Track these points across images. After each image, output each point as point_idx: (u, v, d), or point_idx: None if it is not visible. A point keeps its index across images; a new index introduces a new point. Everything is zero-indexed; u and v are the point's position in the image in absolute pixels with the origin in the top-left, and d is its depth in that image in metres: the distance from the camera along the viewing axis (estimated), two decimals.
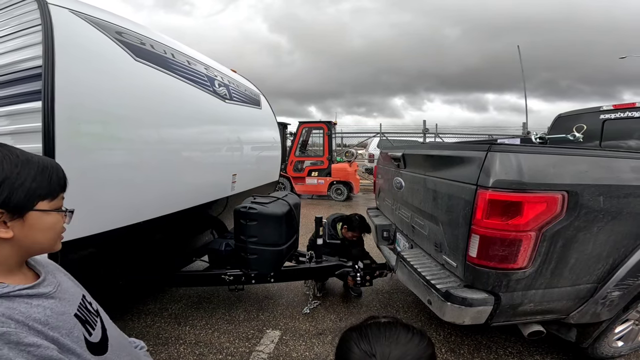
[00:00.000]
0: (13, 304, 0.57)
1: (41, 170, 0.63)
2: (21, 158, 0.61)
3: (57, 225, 0.67)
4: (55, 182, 0.66)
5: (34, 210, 0.62)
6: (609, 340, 1.94)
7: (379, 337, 0.65)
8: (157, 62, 2.02)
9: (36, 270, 0.68)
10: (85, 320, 0.69)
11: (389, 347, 0.63)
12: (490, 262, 1.51)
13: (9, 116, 1.60)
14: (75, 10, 1.64)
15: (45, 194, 0.64)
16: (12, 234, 0.59)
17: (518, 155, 1.46)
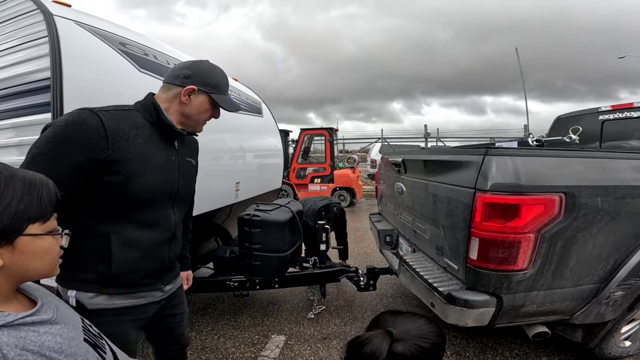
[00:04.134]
0: (21, 333, 0.52)
1: (28, 187, 0.56)
2: (4, 174, 0.54)
3: (52, 249, 0.61)
4: (46, 202, 0.58)
5: (23, 235, 0.55)
6: (616, 340, 1.93)
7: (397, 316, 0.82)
8: (160, 73, 2.06)
9: (29, 295, 0.62)
10: (95, 345, 0.65)
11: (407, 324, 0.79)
12: (491, 264, 1.53)
13: (17, 128, 1.64)
14: (80, 22, 1.67)
15: (36, 216, 0.57)
16: (1, 262, 0.53)
17: (514, 159, 1.49)
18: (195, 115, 1.16)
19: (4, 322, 0.50)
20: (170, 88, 1.13)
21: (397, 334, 0.77)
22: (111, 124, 1.02)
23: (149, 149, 1.09)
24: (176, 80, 1.12)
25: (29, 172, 0.59)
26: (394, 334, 0.77)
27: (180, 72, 1.13)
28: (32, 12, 1.61)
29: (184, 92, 1.10)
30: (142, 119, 1.12)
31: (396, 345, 0.75)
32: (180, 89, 1.11)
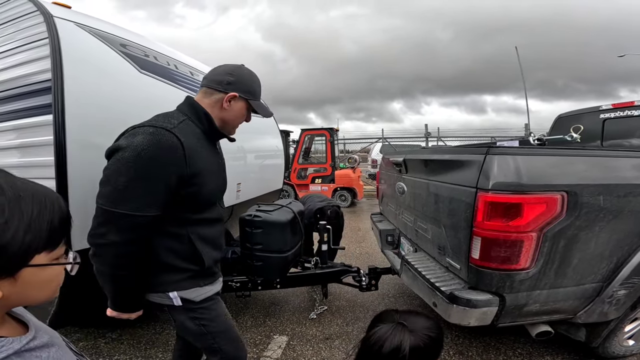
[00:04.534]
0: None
1: (38, 213, 0.48)
2: (8, 195, 0.46)
3: (58, 277, 0.56)
4: (56, 228, 0.51)
5: (28, 266, 0.48)
6: (620, 339, 1.93)
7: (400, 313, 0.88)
8: (161, 74, 2.07)
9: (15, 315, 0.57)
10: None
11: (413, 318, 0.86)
12: (493, 263, 1.52)
13: (18, 130, 1.65)
14: (80, 24, 1.67)
15: (44, 246, 0.49)
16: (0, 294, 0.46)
17: (516, 158, 1.49)
18: (232, 121, 1.23)
19: (12, 350, 0.46)
20: (212, 93, 1.17)
21: (409, 327, 0.83)
22: (185, 140, 1.05)
23: (209, 157, 1.18)
24: (219, 87, 1.16)
25: (39, 189, 0.51)
26: (408, 327, 0.83)
27: (223, 78, 1.16)
28: (32, 14, 1.61)
29: (226, 98, 1.15)
30: (196, 127, 1.15)
31: (411, 337, 0.81)
32: (222, 95, 1.16)
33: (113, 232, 0.99)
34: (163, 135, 1.01)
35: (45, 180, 1.51)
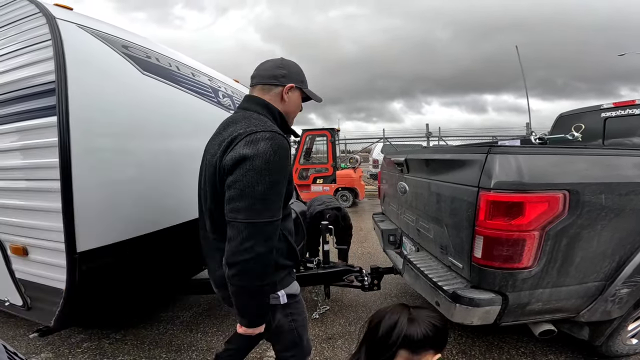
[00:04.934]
0: None
1: None
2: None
3: None
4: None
5: None
6: (623, 337, 1.93)
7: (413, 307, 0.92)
8: (163, 75, 2.07)
9: None
10: None
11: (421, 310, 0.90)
12: (496, 262, 1.53)
13: (22, 132, 1.66)
14: (82, 25, 1.68)
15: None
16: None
17: (517, 157, 1.49)
18: (292, 112, 1.25)
19: None
20: (270, 89, 1.17)
21: (412, 312, 0.88)
22: None
23: None
24: (275, 81, 1.17)
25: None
26: (411, 311, 0.88)
27: (276, 71, 1.17)
28: (35, 16, 1.61)
29: (285, 90, 1.17)
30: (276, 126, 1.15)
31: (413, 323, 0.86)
32: (280, 89, 1.17)
33: (260, 244, 0.97)
34: (279, 139, 1.03)
35: (50, 181, 1.52)
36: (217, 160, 1.04)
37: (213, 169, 1.06)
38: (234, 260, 0.99)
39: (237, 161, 0.97)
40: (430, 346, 0.87)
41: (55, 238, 1.58)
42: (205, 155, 1.20)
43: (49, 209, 1.56)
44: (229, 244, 0.99)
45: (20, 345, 2.37)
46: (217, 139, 1.11)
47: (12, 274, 1.85)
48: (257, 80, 1.19)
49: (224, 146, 1.03)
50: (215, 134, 1.16)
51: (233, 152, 0.99)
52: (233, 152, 0.99)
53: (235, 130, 1.04)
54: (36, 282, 1.78)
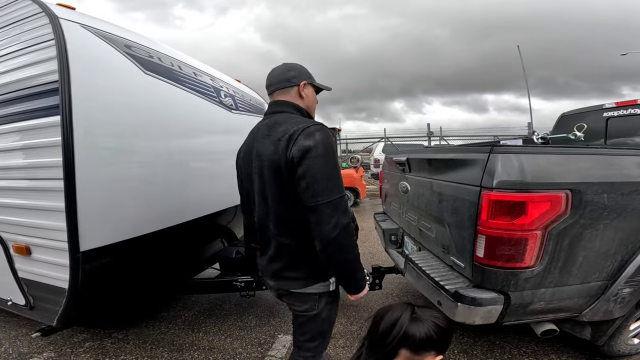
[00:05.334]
0: None
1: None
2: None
3: None
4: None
5: None
6: (625, 337, 1.92)
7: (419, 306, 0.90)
8: (165, 75, 2.08)
9: None
10: None
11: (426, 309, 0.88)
12: (498, 261, 1.52)
13: (26, 131, 1.66)
14: (85, 25, 1.68)
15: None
16: None
17: (520, 156, 1.49)
18: (312, 106, 1.37)
19: None
20: (288, 91, 1.29)
21: (417, 311, 0.86)
22: None
23: None
24: (289, 83, 1.29)
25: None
26: (415, 310, 0.86)
27: (287, 74, 1.30)
28: (37, 15, 1.62)
29: (300, 88, 1.29)
30: None
31: (416, 322, 0.84)
32: (296, 88, 1.29)
33: (342, 217, 1.10)
34: (325, 129, 1.16)
35: (53, 181, 1.53)
36: (280, 157, 1.12)
37: (276, 166, 1.13)
38: (327, 239, 1.10)
39: (304, 152, 1.08)
40: (432, 347, 0.85)
41: (59, 237, 1.58)
42: (253, 160, 1.25)
43: (52, 208, 1.57)
44: (318, 228, 1.10)
45: (22, 344, 2.38)
46: (266, 140, 1.19)
47: (15, 273, 1.86)
48: (273, 87, 1.30)
49: (284, 144, 1.11)
50: (260, 137, 1.23)
51: (297, 145, 1.09)
52: (297, 146, 1.09)
53: (287, 129, 1.14)
54: (39, 281, 1.78)
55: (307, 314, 1.31)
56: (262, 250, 1.33)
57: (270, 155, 1.14)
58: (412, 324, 0.84)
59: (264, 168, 1.17)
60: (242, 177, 1.36)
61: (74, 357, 2.23)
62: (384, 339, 0.85)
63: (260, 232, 1.30)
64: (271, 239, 1.26)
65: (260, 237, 1.32)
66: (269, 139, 1.17)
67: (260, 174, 1.20)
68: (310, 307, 1.29)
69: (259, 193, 1.23)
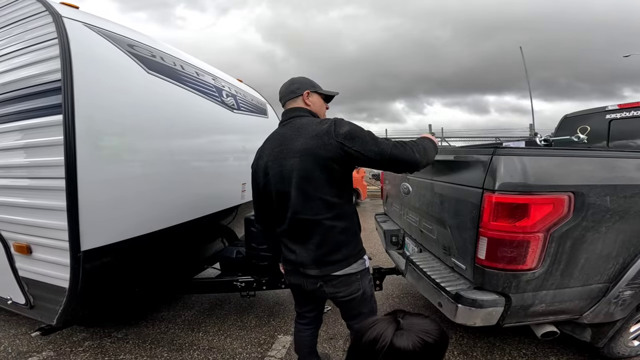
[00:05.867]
0: None
1: None
2: None
3: None
4: None
5: None
6: (625, 339, 1.92)
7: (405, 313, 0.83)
8: (167, 74, 2.08)
9: None
10: None
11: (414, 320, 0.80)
12: (499, 263, 1.52)
13: (25, 130, 1.66)
14: (88, 24, 1.68)
15: None
16: None
17: (522, 158, 1.49)
18: (319, 111, 1.51)
19: None
20: (295, 101, 1.47)
21: (403, 324, 0.77)
22: None
23: None
24: (294, 94, 1.47)
25: None
26: (401, 323, 0.78)
27: (292, 87, 1.48)
28: (41, 14, 1.61)
29: (304, 97, 1.46)
30: None
31: (401, 335, 0.75)
32: (300, 97, 1.46)
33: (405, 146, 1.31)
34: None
35: (55, 180, 1.52)
36: (327, 148, 1.26)
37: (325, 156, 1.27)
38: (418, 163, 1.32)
39: (349, 135, 1.26)
40: None
41: (60, 236, 1.58)
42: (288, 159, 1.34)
43: (53, 207, 1.57)
44: (404, 164, 1.30)
45: (21, 343, 2.37)
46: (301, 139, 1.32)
47: (16, 273, 1.86)
48: (285, 99, 1.50)
49: (327, 137, 1.27)
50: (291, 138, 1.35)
51: (338, 135, 1.26)
52: (339, 136, 1.26)
53: (321, 126, 1.31)
54: (39, 280, 1.78)
55: (354, 296, 1.44)
56: (301, 242, 1.42)
57: (314, 150, 1.27)
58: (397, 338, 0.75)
59: (307, 162, 1.29)
60: (270, 178, 1.42)
61: (73, 356, 2.22)
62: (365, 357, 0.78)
63: (298, 225, 1.39)
64: (314, 227, 1.36)
65: (297, 230, 1.41)
66: (304, 137, 1.31)
67: (301, 169, 1.30)
68: (355, 288, 1.43)
69: (298, 187, 1.33)
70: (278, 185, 1.39)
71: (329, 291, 1.43)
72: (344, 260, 1.38)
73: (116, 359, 2.21)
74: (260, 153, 1.49)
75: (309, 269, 1.41)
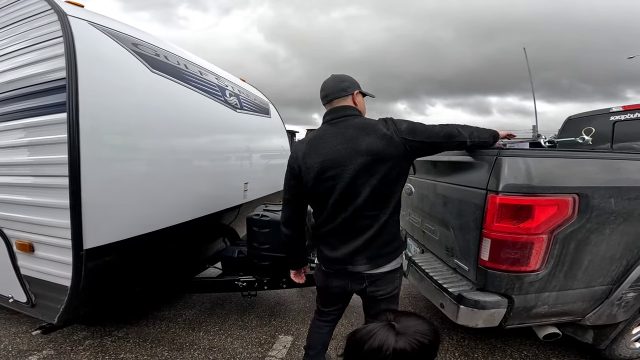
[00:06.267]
0: None
1: None
2: None
3: None
4: None
5: None
6: (627, 341, 1.92)
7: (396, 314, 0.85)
8: (171, 73, 2.08)
9: None
10: None
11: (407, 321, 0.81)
12: (503, 265, 1.53)
13: (28, 128, 1.66)
14: (93, 22, 1.68)
15: None
16: None
17: (527, 160, 1.49)
18: (364, 111, 1.51)
19: None
20: (344, 99, 1.45)
21: (399, 328, 0.78)
22: None
23: None
24: (345, 92, 1.45)
25: None
26: (396, 328, 0.78)
27: (342, 85, 1.46)
28: (46, 12, 1.61)
29: (354, 96, 1.46)
30: None
31: (398, 339, 0.76)
32: (350, 96, 1.45)
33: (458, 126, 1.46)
34: None
35: (58, 178, 1.52)
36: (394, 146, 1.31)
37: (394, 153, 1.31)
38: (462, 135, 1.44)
39: (410, 130, 1.34)
40: None
41: (62, 235, 1.57)
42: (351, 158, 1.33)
43: (56, 205, 1.56)
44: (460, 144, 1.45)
45: (22, 341, 2.37)
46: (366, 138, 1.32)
47: (17, 271, 1.85)
48: (332, 97, 1.45)
49: (390, 137, 1.31)
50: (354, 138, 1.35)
51: (402, 132, 1.32)
52: (402, 132, 1.32)
53: (383, 127, 1.34)
54: (41, 278, 1.78)
55: (393, 294, 1.47)
56: (353, 238, 1.40)
57: (384, 149, 1.30)
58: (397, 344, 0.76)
59: (377, 161, 1.31)
60: (328, 177, 1.36)
61: (73, 355, 2.22)
62: None
63: (354, 221, 1.38)
64: (373, 223, 1.37)
65: (352, 227, 1.39)
66: (370, 137, 1.32)
67: (372, 168, 1.32)
68: (395, 286, 1.47)
69: (368, 186, 1.33)
70: (340, 185, 1.34)
71: (370, 290, 1.43)
72: (394, 253, 1.42)
73: (116, 357, 2.20)
74: (308, 151, 1.41)
75: (358, 264, 1.39)
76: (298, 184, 1.44)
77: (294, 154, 1.47)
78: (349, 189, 1.34)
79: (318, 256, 1.54)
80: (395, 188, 1.39)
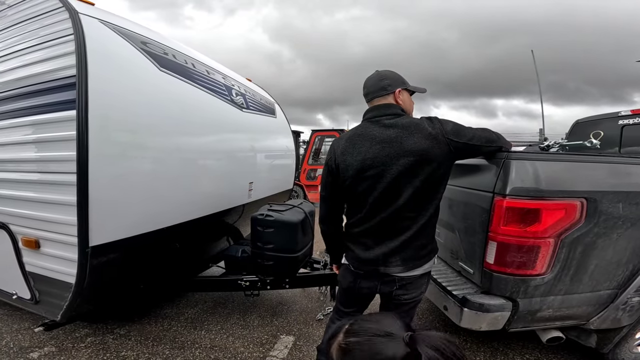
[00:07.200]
0: None
1: None
2: None
3: None
4: None
5: None
6: (630, 345, 1.92)
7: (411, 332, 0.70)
8: (179, 72, 2.08)
9: None
10: None
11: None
12: (508, 268, 1.53)
13: (36, 125, 1.66)
14: (104, 21, 1.69)
15: None
16: None
17: (535, 163, 1.49)
18: (409, 109, 1.46)
19: None
20: (385, 98, 1.39)
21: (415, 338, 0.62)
22: None
23: None
24: (385, 91, 1.39)
25: None
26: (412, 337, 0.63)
27: (383, 83, 1.40)
28: (57, 10, 1.62)
29: (397, 94, 1.39)
30: None
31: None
32: (392, 95, 1.39)
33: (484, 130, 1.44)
34: None
35: (66, 175, 1.52)
36: (441, 147, 1.27)
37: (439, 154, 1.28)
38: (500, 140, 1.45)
39: (455, 131, 1.31)
40: None
41: (68, 231, 1.58)
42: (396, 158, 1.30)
43: (63, 202, 1.56)
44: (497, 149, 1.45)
45: (24, 338, 2.36)
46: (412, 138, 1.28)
47: (22, 267, 1.85)
48: (372, 95, 1.41)
49: (435, 138, 1.27)
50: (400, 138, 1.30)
51: (447, 133, 1.29)
52: (448, 133, 1.29)
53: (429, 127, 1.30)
54: (46, 275, 1.78)
55: (417, 299, 1.42)
56: (389, 239, 1.36)
57: (431, 149, 1.27)
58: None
59: (424, 162, 1.27)
60: (368, 177, 1.33)
61: (75, 352, 2.21)
62: None
63: (393, 222, 1.34)
64: (412, 224, 1.34)
65: (389, 227, 1.36)
66: (416, 137, 1.28)
67: (418, 169, 1.28)
68: (422, 292, 1.42)
69: (412, 186, 1.29)
70: (381, 184, 1.31)
71: (397, 293, 1.38)
72: (428, 255, 1.38)
73: (118, 355, 2.20)
74: (347, 148, 1.38)
75: (392, 266, 1.35)
76: (335, 181, 1.41)
77: (332, 151, 1.44)
78: (391, 189, 1.30)
79: (347, 256, 1.48)
80: (438, 190, 1.35)
